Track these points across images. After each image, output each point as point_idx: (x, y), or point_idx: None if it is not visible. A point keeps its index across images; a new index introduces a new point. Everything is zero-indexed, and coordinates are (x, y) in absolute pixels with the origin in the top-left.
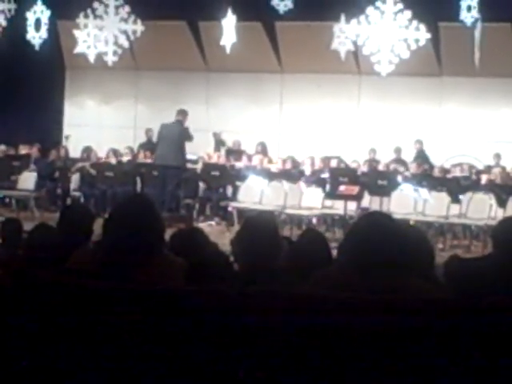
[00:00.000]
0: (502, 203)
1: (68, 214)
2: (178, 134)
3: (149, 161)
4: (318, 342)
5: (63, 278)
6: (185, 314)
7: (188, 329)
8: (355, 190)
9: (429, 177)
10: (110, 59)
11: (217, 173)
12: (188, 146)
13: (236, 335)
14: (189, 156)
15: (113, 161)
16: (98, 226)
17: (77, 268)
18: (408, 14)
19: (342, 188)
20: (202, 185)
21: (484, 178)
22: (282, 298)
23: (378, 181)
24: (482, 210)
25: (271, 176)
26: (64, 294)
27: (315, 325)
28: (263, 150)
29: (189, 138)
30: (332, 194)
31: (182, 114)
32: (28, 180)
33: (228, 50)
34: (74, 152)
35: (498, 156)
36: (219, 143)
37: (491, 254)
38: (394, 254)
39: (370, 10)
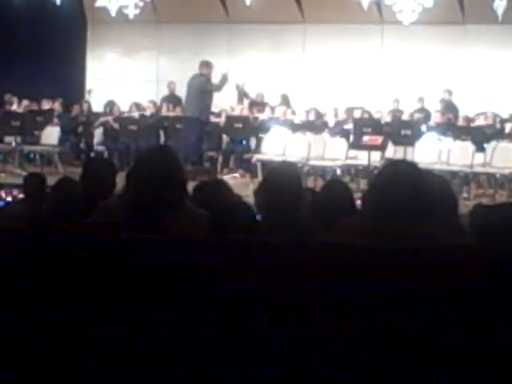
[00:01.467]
0: None
1: (90, 167)
2: (197, 86)
3: (172, 114)
4: (343, 290)
5: (87, 230)
6: (208, 263)
7: (211, 278)
8: (379, 140)
9: (453, 126)
10: (132, 12)
11: (240, 125)
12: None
13: (259, 285)
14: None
15: (136, 114)
16: (121, 179)
17: (100, 221)
18: None
19: (365, 138)
20: (225, 137)
21: (508, 127)
22: (305, 247)
23: (402, 131)
24: (507, 158)
25: (294, 127)
26: (88, 246)
27: (339, 273)
28: (286, 101)
29: (211, 87)
30: (356, 145)
31: (204, 65)
32: (51, 135)
33: (248, 2)
34: (97, 106)
35: None
36: (242, 95)
37: None
38: (419, 203)
39: None
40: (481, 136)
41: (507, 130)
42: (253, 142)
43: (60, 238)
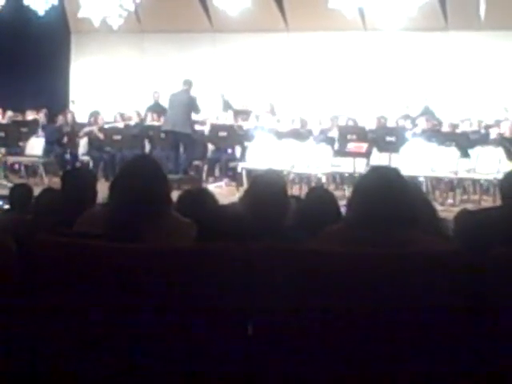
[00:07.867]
0: (511, 157)
1: (69, 178)
2: (187, 103)
3: (156, 123)
4: (326, 297)
5: (70, 240)
6: (193, 272)
7: (196, 287)
8: (364, 147)
9: (438, 132)
10: (115, 22)
11: (225, 133)
12: None
13: (244, 292)
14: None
15: (120, 124)
16: (106, 189)
17: (84, 230)
18: None
19: (350, 146)
20: (210, 146)
21: (493, 132)
22: (289, 253)
23: (387, 137)
24: (491, 164)
25: (280, 135)
26: (71, 256)
27: (323, 280)
28: (271, 109)
29: (196, 109)
30: (341, 152)
31: (188, 83)
32: (36, 146)
33: (231, 11)
34: (81, 117)
35: (506, 110)
36: (226, 104)
37: (500, 205)
38: (402, 208)
39: None
40: (465, 142)
41: (491, 135)
42: (238, 151)
43: (42, 249)
